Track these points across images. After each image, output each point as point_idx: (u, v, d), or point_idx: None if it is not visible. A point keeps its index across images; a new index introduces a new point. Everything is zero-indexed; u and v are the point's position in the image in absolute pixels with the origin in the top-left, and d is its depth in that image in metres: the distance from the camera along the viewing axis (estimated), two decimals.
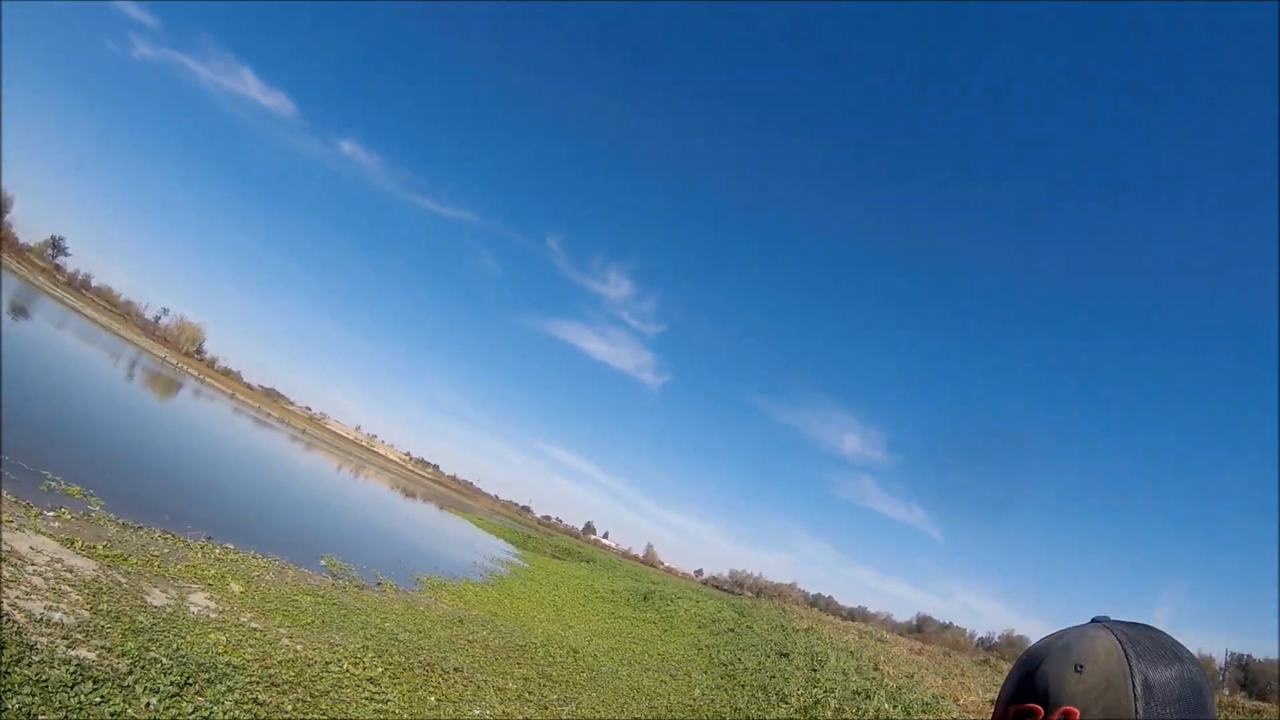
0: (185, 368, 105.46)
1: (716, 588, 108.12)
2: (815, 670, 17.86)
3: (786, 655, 19.00)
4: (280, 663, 7.07)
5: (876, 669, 21.34)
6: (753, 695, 11.62)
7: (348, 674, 7.54)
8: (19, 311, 44.12)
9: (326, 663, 7.64)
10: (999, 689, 1.04)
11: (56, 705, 4.50)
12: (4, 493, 8.75)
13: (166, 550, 9.71)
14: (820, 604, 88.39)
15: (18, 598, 5.82)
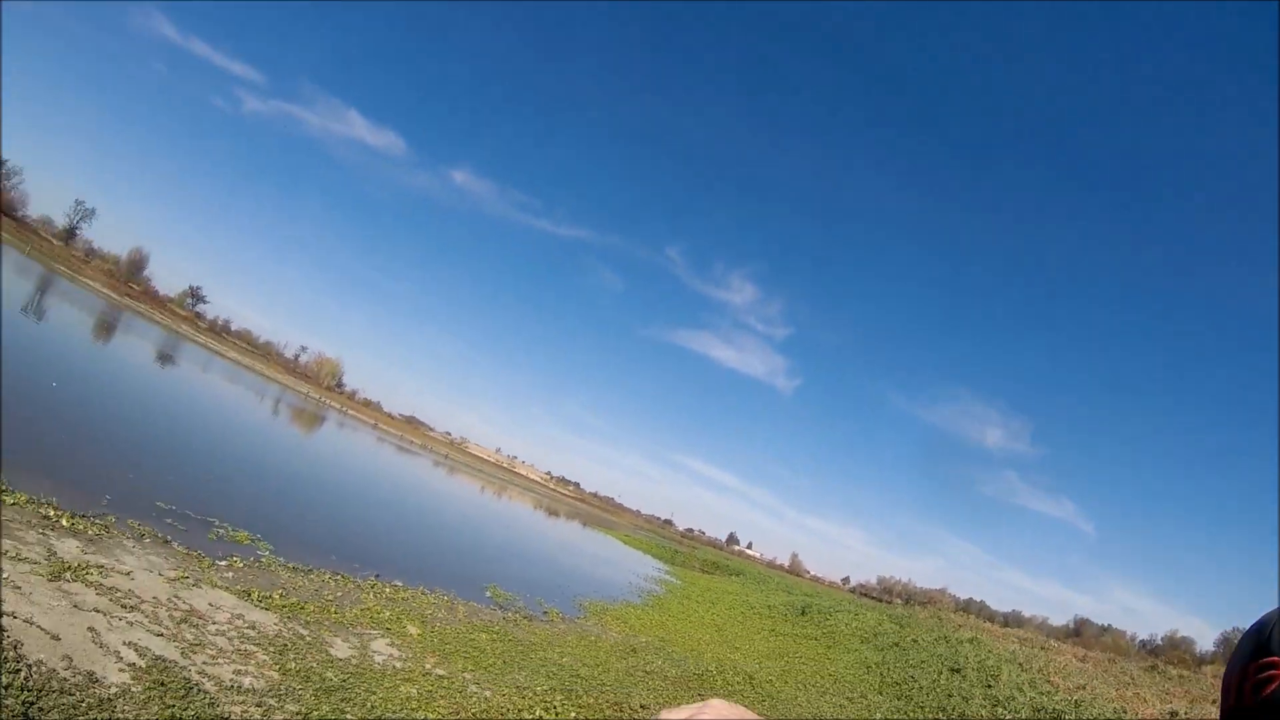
0: (328, 401, 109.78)
1: (865, 595, 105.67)
2: (990, 686, 16.82)
3: (958, 671, 17.98)
4: (475, 716, 6.69)
5: (1049, 681, 20.11)
6: (934, 715, 10.84)
7: None
8: (166, 359, 46.30)
9: (519, 710, 7.28)
10: (1228, 661, 0.99)
11: None
12: (174, 544, 8.68)
13: (340, 594, 9.57)
14: (973, 609, 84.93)
15: (204, 663, 5.56)
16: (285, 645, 6.68)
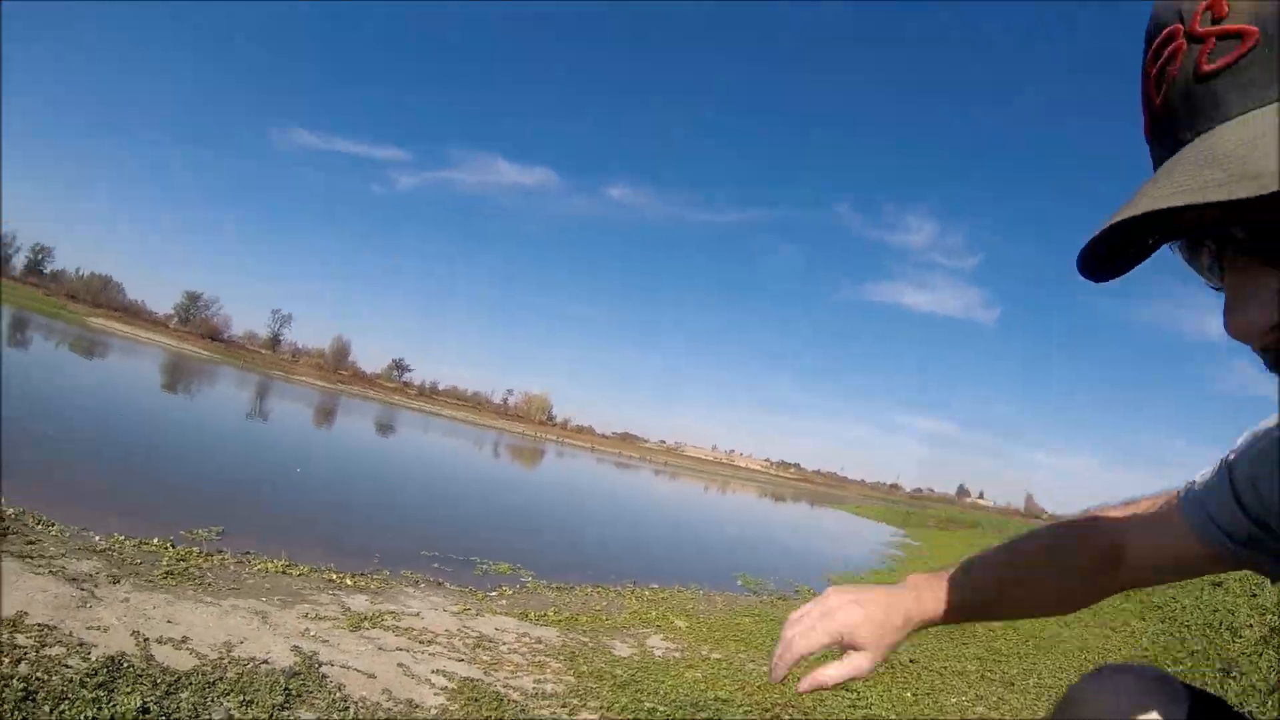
0: (543, 435, 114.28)
1: None
2: (1254, 595, 15.68)
3: (1220, 584, 16.88)
4: (759, 688, 6.90)
5: None
6: (1201, 634, 10.34)
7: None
8: (386, 429, 49.48)
9: (796, 678, 7.38)
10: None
11: None
12: (447, 585, 9.33)
13: (605, 603, 10.01)
14: None
15: (506, 677, 5.99)
16: (573, 652, 7.07)
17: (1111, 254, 0.74)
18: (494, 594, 9.37)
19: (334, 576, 8.31)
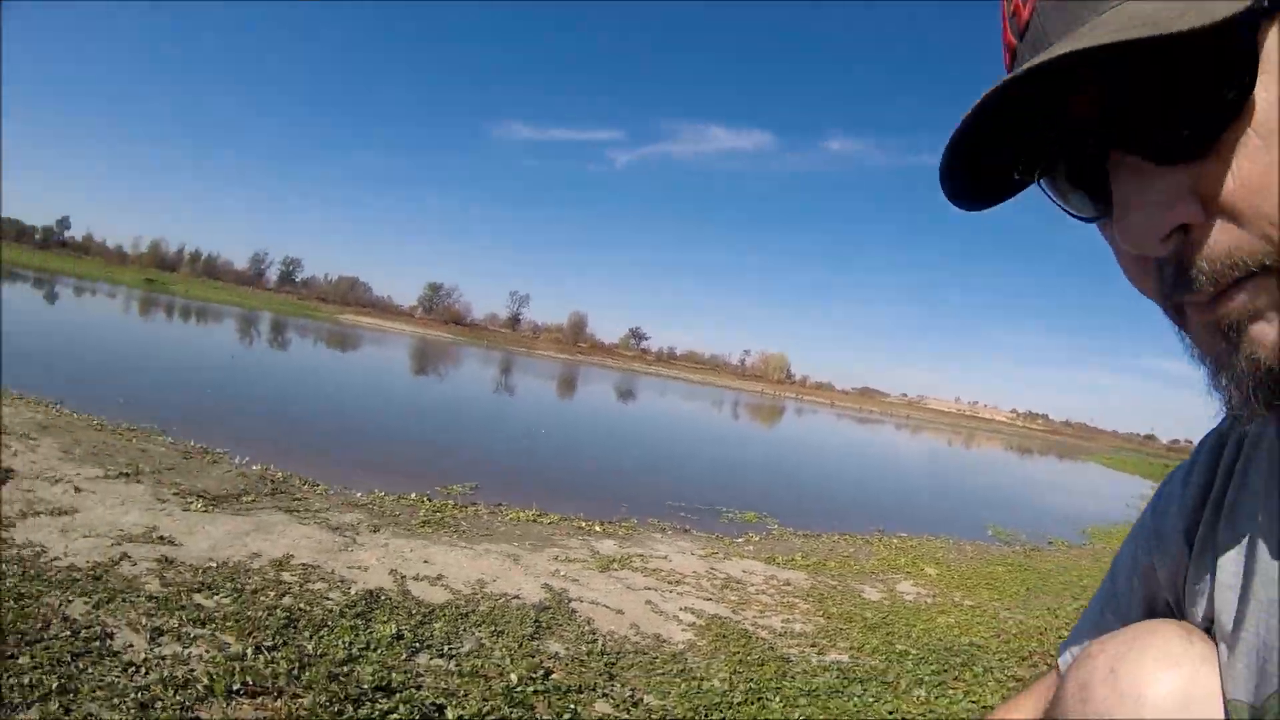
0: (781, 394, 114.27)
1: None
2: None
3: None
4: (1015, 636, 6.61)
5: None
6: None
7: None
8: (626, 395, 50.79)
9: (1057, 629, 7.03)
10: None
11: (834, 710, 4.36)
12: (693, 531, 9.47)
13: (852, 549, 9.85)
14: None
15: (754, 616, 6.00)
16: (822, 595, 7.00)
17: (974, 174, 0.66)
18: (740, 540, 9.41)
19: (583, 524, 8.61)
